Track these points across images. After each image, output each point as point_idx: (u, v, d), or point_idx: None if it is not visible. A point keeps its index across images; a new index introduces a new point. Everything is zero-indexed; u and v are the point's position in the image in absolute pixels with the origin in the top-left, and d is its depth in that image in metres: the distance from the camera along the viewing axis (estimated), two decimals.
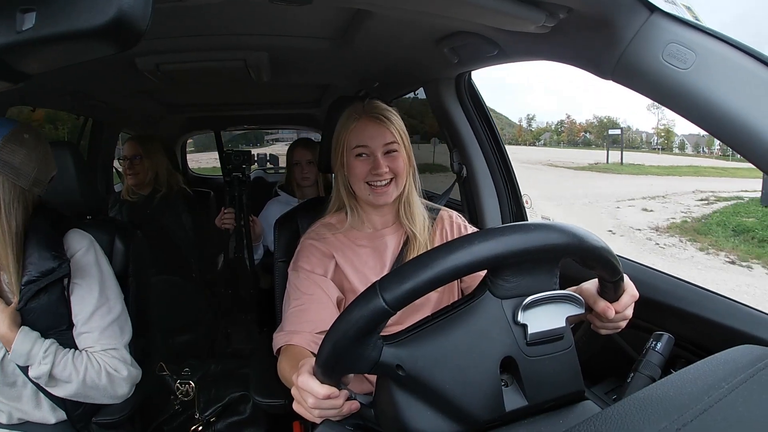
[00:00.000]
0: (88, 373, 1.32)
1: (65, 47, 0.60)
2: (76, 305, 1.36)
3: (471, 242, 0.74)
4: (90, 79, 2.22)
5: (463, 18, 1.31)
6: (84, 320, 1.36)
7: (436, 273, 0.72)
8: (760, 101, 0.87)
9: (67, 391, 1.32)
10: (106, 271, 1.44)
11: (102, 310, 1.38)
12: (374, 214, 1.45)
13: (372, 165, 1.34)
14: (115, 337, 1.39)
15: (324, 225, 1.46)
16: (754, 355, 0.73)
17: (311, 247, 1.40)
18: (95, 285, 1.39)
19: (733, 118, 0.88)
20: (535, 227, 0.77)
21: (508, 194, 2.11)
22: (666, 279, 1.39)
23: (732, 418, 0.59)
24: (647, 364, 0.95)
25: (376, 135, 1.35)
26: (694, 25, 0.95)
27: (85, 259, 1.40)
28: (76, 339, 1.37)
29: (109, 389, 1.36)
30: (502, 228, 0.76)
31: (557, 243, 0.77)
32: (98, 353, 1.36)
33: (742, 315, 1.16)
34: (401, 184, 1.39)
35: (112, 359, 1.37)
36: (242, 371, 2.30)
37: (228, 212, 2.53)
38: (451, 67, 1.85)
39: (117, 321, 1.41)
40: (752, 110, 0.87)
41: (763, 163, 0.88)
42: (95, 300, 1.38)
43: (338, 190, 1.46)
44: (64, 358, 1.30)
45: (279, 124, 5.53)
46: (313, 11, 1.46)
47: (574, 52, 1.21)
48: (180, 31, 1.62)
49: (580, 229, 0.80)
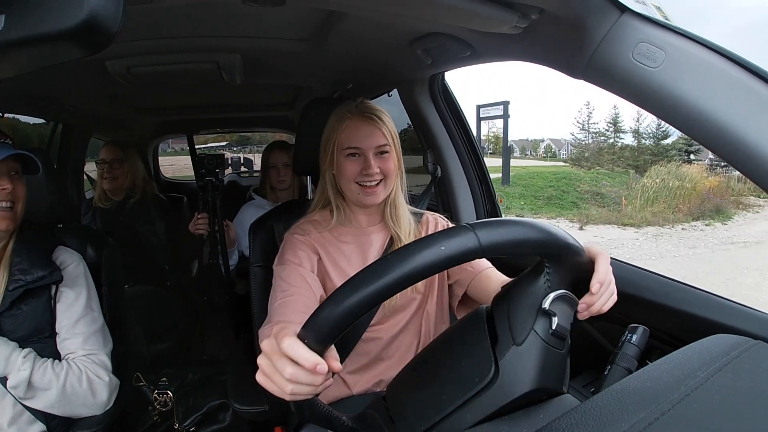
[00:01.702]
0: (69, 379, 1.31)
1: (35, 50, 0.58)
2: (62, 312, 1.39)
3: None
4: (60, 83, 2.17)
5: (435, 19, 1.32)
6: (69, 326, 1.38)
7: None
8: (728, 98, 0.90)
9: (46, 402, 1.30)
10: (92, 286, 1.49)
11: (87, 318, 1.41)
12: (361, 214, 1.45)
13: (363, 165, 1.34)
14: (98, 344, 1.41)
15: (309, 222, 1.45)
16: (727, 344, 0.74)
17: (297, 241, 1.38)
18: (82, 296, 1.43)
19: (701, 114, 0.91)
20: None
21: (482, 193, 2.13)
22: (639, 272, 1.41)
23: (708, 405, 0.61)
24: (623, 356, 0.95)
25: (368, 136, 1.34)
26: (664, 24, 0.97)
27: (76, 272, 1.45)
28: (60, 345, 1.38)
29: (89, 396, 1.34)
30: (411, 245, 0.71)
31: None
32: (80, 358, 1.36)
33: (715, 306, 1.19)
34: (390, 186, 1.38)
35: (93, 364, 1.37)
36: (220, 378, 2.27)
37: (201, 217, 2.49)
38: (424, 68, 1.85)
39: (100, 331, 1.44)
40: (720, 107, 0.89)
41: (731, 157, 0.90)
42: (81, 309, 1.41)
43: (324, 189, 1.45)
44: (43, 365, 1.30)
45: (253, 127, 5.48)
46: (286, 12, 1.46)
47: (546, 53, 1.23)
48: (151, 34, 1.60)
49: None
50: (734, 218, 15.31)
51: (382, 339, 1.40)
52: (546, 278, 0.80)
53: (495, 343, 0.78)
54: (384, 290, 0.67)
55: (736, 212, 15.85)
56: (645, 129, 24.74)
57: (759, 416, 0.60)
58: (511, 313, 0.80)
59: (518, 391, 0.75)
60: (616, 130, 25.16)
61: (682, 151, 23.11)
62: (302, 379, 0.70)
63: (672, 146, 23.77)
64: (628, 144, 25.16)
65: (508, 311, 0.80)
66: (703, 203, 15.83)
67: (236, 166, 4.79)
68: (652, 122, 24.44)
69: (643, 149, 24.32)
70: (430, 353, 0.92)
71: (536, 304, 0.78)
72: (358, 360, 1.40)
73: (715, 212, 15.44)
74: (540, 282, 0.80)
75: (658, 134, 24.56)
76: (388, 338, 1.41)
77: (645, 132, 24.80)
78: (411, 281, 0.68)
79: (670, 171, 17.95)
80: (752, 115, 0.88)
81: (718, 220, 14.94)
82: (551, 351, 0.77)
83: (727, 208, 15.81)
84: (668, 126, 10.43)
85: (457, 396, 0.76)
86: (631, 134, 25.08)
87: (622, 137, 25.24)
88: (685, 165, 19.45)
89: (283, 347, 0.70)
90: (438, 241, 0.69)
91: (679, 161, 20.71)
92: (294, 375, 0.69)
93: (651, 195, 16.18)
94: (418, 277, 0.68)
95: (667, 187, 16.49)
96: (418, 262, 0.67)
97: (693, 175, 17.38)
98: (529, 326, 0.77)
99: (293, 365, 0.69)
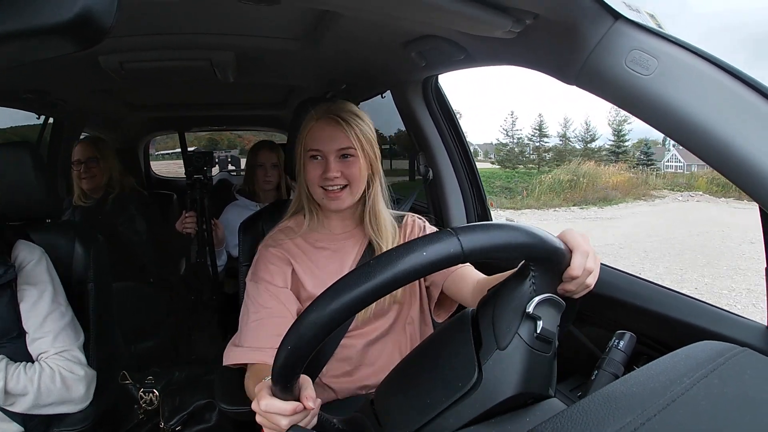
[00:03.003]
0: (42, 381, 1.30)
1: (27, 44, 0.57)
2: (28, 311, 1.36)
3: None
4: (52, 78, 2.15)
5: (430, 22, 1.32)
6: (37, 325, 1.35)
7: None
8: (719, 106, 0.91)
9: (24, 405, 1.29)
10: (57, 280, 1.46)
11: (55, 314, 1.39)
12: (334, 219, 1.42)
13: (324, 168, 1.31)
14: (68, 340, 1.39)
15: (281, 230, 1.43)
16: (714, 350, 0.75)
17: (269, 255, 1.36)
18: (47, 292, 1.40)
19: (693, 122, 0.91)
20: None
21: (473, 196, 2.13)
22: (627, 278, 1.42)
23: (694, 411, 0.61)
24: (610, 362, 0.95)
25: (330, 139, 1.30)
26: (657, 32, 0.98)
27: (37, 269, 1.41)
28: (30, 346, 1.35)
29: (64, 393, 1.33)
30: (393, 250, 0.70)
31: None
32: (51, 357, 1.34)
33: (702, 312, 1.20)
34: (357, 192, 1.35)
35: (65, 361, 1.35)
36: (207, 378, 2.26)
37: (189, 216, 2.47)
38: (418, 71, 1.85)
39: (70, 325, 1.42)
40: (711, 115, 0.90)
41: (721, 165, 0.91)
42: (47, 306, 1.38)
43: (299, 193, 1.43)
44: (16, 371, 1.28)
45: (244, 126, 5.46)
46: (281, 11, 1.45)
47: (539, 58, 1.23)
48: (145, 29, 1.59)
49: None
50: (619, 205, 19.92)
51: (359, 345, 1.39)
52: (531, 281, 0.80)
53: (479, 347, 0.78)
54: (350, 307, 0.67)
55: (631, 201, 20.56)
56: (572, 133, 28.33)
57: (744, 423, 0.61)
58: (495, 317, 0.79)
59: (501, 396, 0.74)
60: (541, 135, 28.08)
61: (610, 152, 27.04)
62: (296, 421, 0.80)
63: (600, 148, 27.72)
64: (552, 146, 28.63)
65: (493, 315, 0.80)
66: (593, 193, 20.75)
67: (223, 164, 4.75)
68: (580, 126, 28.55)
69: (570, 151, 27.85)
70: (416, 357, 0.91)
71: (521, 307, 0.78)
72: (340, 366, 1.39)
73: (600, 200, 20.21)
74: (525, 285, 0.80)
75: (586, 137, 28.16)
76: (365, 344, 1.39)
77: (574, 136, 28.33)
78: (381, 294, 0.67)
79: (571, 169, 22.68)
80: (742, 123, 0.89)
81: (598, 206, 19.67)
82: (536, 355, 0.77)
83: (618, 198, 20.62)
84: (596, 130, 14.31)
85: (441, 400, 0.76)
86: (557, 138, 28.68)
87: (548, 140, 28.52)
88: (589, 162, 24.22)
89: (263, 410, 0.81)
90: (419, 248, 0.68)
91: (597, 162, 25.07)
92: (289, 423, 0.80)
93: (544, 188, 21.23)
94: (390, 289, 0.67)
95: (558, 181, 21.55)
96: (390, 274, 0.66)
97: (591, 171, 22.34)
98: (514, 330, 0.77)
99: (282, 416, 0.79)
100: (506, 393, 0.75)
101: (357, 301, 0.66)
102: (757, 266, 3.67)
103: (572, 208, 19.37)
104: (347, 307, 0.66)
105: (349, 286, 0.67)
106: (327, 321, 0.67)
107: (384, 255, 0.69)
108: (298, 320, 0.69)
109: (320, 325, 0.67)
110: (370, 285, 0.66)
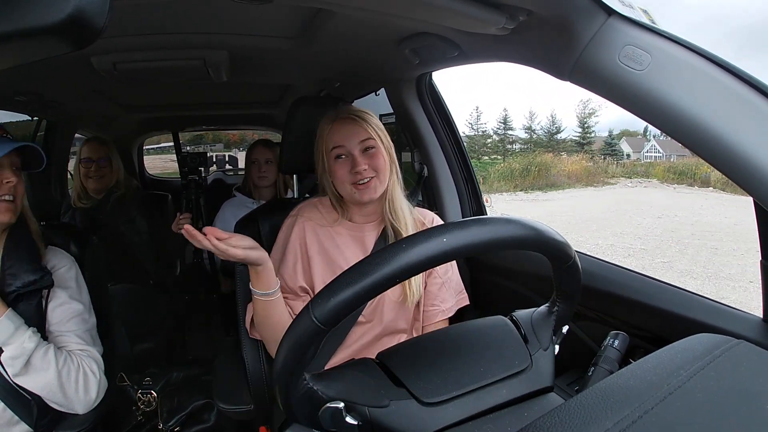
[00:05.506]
0: (66, 365, 1.32)
1: (19, 46, 0.57)
2: (53, 312, 1.38)
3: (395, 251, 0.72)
4: (44, 79, 2.13)
5: (424, 19, 1.32)
6: (61, 324, 1.38)
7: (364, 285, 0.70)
8: (712, 101, 0.91)
9: (39, 381, 1.29)
10: (84, 288, 1.49)
11: (78, 318, 1.41)
12: (356, 213, 1.47)
13: (351, 164, 1.36)
14: (90, 343, 1.42)
15: (319, 206, 1.50)
16: (710, 343, 0.75)
17: (291, 233, 1.45)
18: (75, 297, 1.44)
19: (686, 116, 0.92)
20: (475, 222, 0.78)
21: (468, 193, 2.13)
22: (624, 273, 1.43)
23: (691, 404, 0.62)
24: (606, 359, 1.00)
25: (351, 134, 1.37)
26: (650, 27, 0.98)
27: (68, 275, 1.45)
28: (52, 341, 1.36)
29: (81, 389, 1.34)
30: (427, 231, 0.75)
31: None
32: (76, 352, 1.36)
33: (698, 305, 1.20)
34: (384, 180, 1.40)
35: (88, 359, 1.37)
36: (204, 378, 2.26)
37: (184, 217, 2.46)
38: (412, 68, 1.85)
39: (91, 330, 1.45)
40: (705, 110, 0.91)
41: (714, 159, 0.91)
42: (73, 309, 1.41)
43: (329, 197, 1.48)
44: (46, 346, 1.30)
45: (238, 125, 5.44)
46: (274, 10, 1.44)
47: (533, 54, 1.23)
48: (138, 30, 1.58)
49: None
50: (565, 190, 22.85)
51: (368, 336, 1.42)
52: (555, 309, 0.99)
53: (526, 342, 0.95)
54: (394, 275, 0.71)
55: (580, 187, 23.54)
56: (538, 126, 31.91)
57: (741, 415, 0.61)
58: (535, 326, 0.98)
59: (544, 383, 0.90)
60: (506, 128, 31.67)
61: (576, 143, 30.21)
62: None
63: (564, 140, 30.85)
64: (518, 138, 31.59)
65: (532, 324, 0.98)
66: (544, 180, 23.82)
67: (221, 164, 4.74)
68: (545, 119, 31.47)
69: (535, 142, 31.11)
70: (448, 338, 0.99)
71: (552, 325, 0.98)
72: (348, 355, 1.41)
73: (548, 186, 23.29)
74: (552, 312, 0.99)
75: (552, 130, 31.50)
76: (375, 334, 1.42)
77: (540, 128, 31.92)
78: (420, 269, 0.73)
79: (526, 158, 25.86)
80: (735, 117, 0.89)
81: (543, 191, 22.67)
82: None
83: (567, 184, 23.84)
84: (561, 122, 16.65)
85: (497, 372, 0.88)
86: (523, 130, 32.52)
87: (512, 133, 31.46)
88: (548, 154, 27.33)
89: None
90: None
91: (557, 152, 28.38)
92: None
93: (498, 175, 24.64)
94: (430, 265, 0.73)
95: (510, 170, 24.97)
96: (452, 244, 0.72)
97: (547, 161, 25.51)
98: (550, 338, 0.97)
99: None
100: (546, 382, 0.91)
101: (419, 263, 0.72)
102: (636, 231, 7.56)
103: (518, 193, 22.48)
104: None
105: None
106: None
107: (451, 225, 0.76)
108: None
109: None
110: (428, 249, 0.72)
